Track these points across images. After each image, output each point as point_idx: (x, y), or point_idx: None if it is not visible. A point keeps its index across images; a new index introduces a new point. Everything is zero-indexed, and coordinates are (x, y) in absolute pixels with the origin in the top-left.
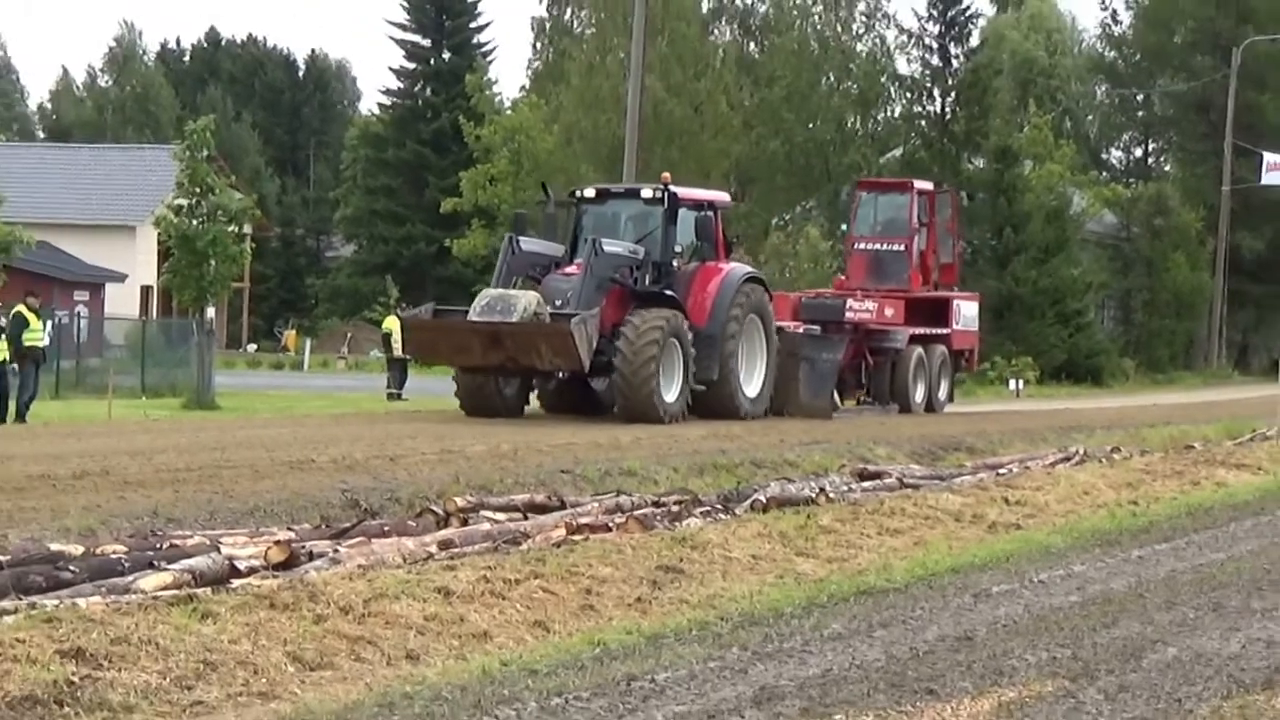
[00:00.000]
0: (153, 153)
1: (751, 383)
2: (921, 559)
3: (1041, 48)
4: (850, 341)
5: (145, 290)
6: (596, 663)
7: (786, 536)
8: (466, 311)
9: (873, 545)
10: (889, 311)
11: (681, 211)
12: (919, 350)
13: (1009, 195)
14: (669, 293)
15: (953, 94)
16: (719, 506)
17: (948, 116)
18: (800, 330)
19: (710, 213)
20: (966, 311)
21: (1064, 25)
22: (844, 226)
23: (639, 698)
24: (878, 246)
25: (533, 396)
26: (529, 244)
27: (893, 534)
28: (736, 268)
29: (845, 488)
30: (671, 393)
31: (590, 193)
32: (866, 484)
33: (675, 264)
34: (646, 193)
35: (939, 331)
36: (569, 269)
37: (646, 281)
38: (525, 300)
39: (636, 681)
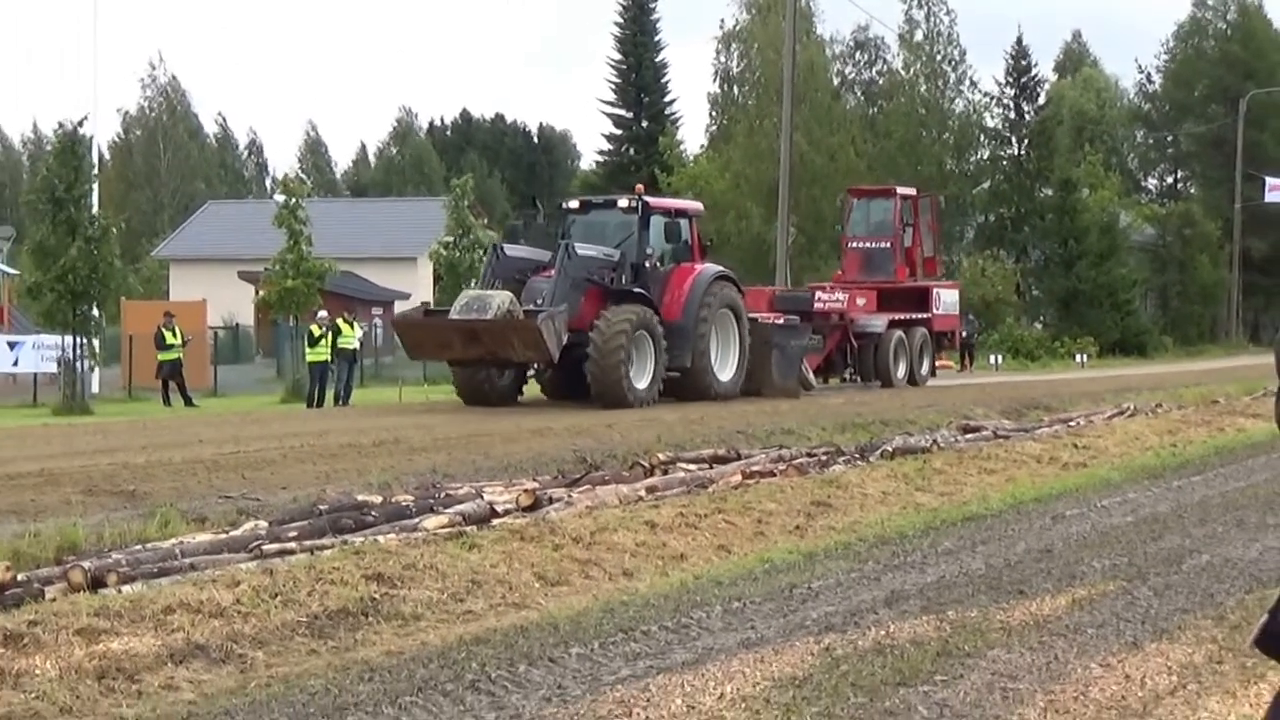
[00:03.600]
0: (427, 203)
1: (725, 368)
2: (1012, 491)
3: (1093, 103)
4: (835, 328)
5: (425, 305)
6: (766, 575)
7: (908, 477)
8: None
9: (974, 482)
10: (860, 301)
11: (654, 218)
12: (899, 333)
13: (1071, 215)
14: (638, 290)
15: (1026, 140)
16: (857, 455)
17: (1023, 157)
18: (776, 320)
19: (682, 219)
20: (947, 298)
21: (1110, 85)
22: (838, 227)
23: (798, 600)
24: (868, 245)
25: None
26: (513, 250)
27: (989, 473)
28: (708, 268)
29: (952, 439)
30: (643, 380)
31: (574, 204)
32: (968, 436)
33: (649, 265)
34: (623, 202)
35: (919, 316)
36: (550, 271)
37: (624, 281)
38: (499, 299)
39: (796, 589)
